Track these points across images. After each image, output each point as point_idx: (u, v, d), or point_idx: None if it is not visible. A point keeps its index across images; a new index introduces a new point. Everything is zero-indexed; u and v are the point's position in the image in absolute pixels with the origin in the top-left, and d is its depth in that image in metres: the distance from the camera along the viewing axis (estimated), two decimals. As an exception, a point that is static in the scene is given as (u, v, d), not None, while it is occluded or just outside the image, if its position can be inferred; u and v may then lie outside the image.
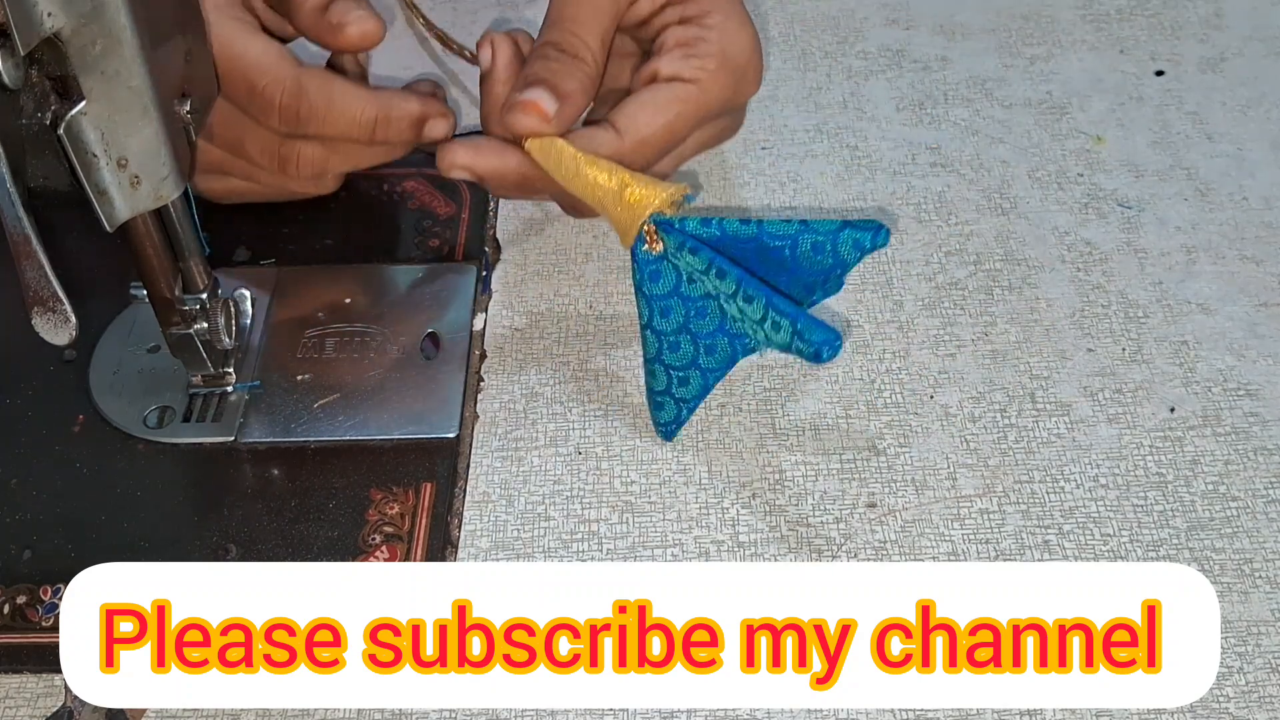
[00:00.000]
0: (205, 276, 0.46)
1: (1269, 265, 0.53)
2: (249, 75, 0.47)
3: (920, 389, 0.49)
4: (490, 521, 0.46)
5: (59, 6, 0.35)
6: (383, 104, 0.49)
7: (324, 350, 0.50)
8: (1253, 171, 0.57)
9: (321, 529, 0.45)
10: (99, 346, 0.51)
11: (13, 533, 0.45)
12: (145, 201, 0.41)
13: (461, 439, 0.48)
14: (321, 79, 0.48)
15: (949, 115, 0.60)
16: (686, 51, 0.49)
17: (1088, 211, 0.56)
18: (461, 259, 0.54)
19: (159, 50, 0.39)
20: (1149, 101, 0.61)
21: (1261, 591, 0.43)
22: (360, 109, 0.48)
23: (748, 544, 0.45)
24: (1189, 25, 0.65)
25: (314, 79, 0.48)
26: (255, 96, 0.47)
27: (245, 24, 0.48)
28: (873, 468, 0.47)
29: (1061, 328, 0.51)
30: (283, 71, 0.47)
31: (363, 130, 0.49)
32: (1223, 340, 0.51)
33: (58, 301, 0.38)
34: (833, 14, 0.66)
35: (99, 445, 0.48)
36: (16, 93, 0.36)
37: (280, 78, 0.47)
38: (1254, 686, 0.41)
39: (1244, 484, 0.46)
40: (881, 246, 0.44)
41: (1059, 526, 0.45)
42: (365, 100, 0.48)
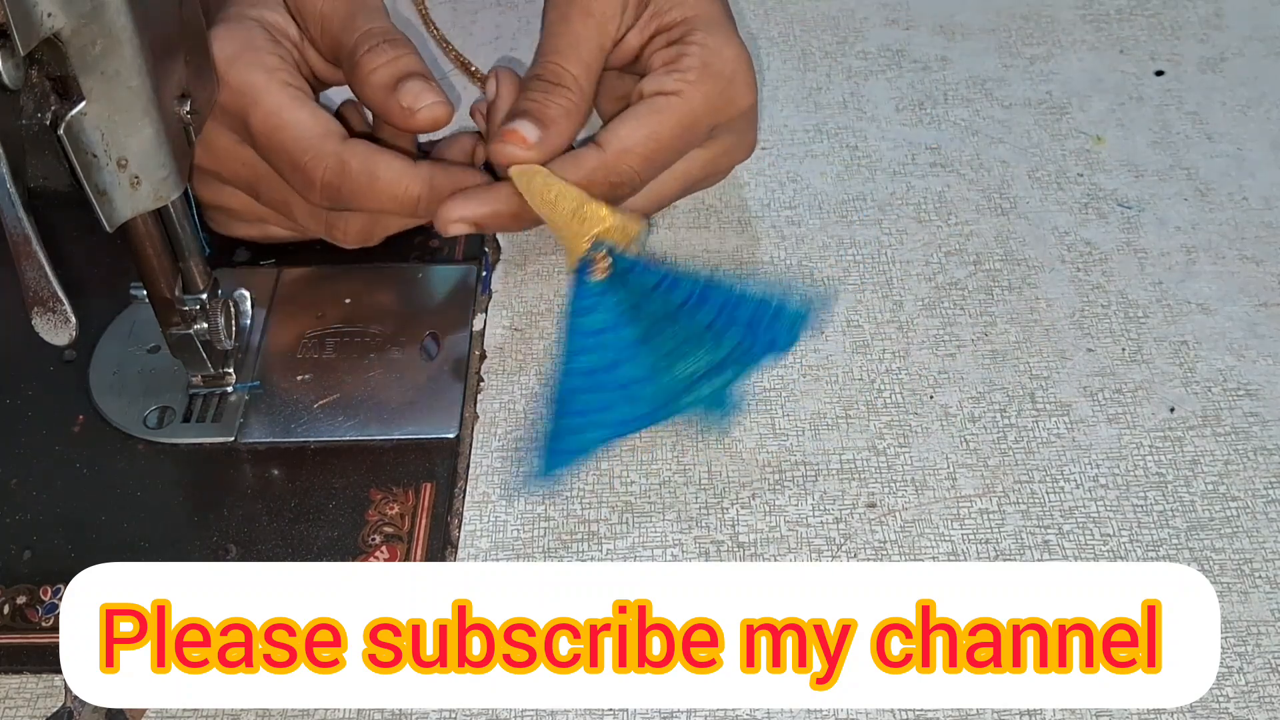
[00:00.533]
0: (205, 277, 0.46)
1: (1269, 265, 0.53)
2: (291, 150, 0.46)
3: (920, 389, 0.49)
4: (490, 522, 0.46)
5: (59, 6, 0.35)
6: (426, 179, 0.48)
7: (324, 350, 0.50)
8: (1253, 171, 0.57)
9: (321, 529, 0.45)
10: (99, 346, 0.51)
11: (13, 533, 0.45)
12: (145, 202, 0.41)
13: (461, 439, 0.48)
14: (365, 155, 0.47)
15: (949, 115, 0.60)
16: (669, 68, 0.49)
17: (1087, 211, 0.56)
18: (461, 259, 0.54)
19: (159, 50, 0.39)
20: (1149, 101, 0.61)
21: (1261, 591, 0.43)
22: (405, 187, 0.47)
23: (748, 544, 0.45)
24: (1189, 25, 0.65)
25: (357, 155, 0.47)
26: (297, 171, 0.47)
27: (294, 91, 0.47)
28: (872, 468, 0.47)
29: (1061, 328, 0.51)
30: (327, 147, 0.46)
31: (406, 208, 0.48)
32: (1222, 340, 0.51)
33: (58, 301, 0.38)
34: (832, 14, 0.66)
35: (99, 445, 0.48)
36: (16, 93, 0.35)
37: (323, 154, 0.46)
38: (1254, 686, 0.41)
39: (1244, 484, 0.46)
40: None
41: (1059, 526, 0.45)
42: (410, 178, 0.47)
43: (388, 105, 0.48)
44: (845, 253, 0.54)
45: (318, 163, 0.46)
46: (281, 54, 0.48)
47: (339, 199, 0.47)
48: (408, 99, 0.47)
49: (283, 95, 0.47)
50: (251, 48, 0.47)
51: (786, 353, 0.47)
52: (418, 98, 0.47)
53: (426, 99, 0.47)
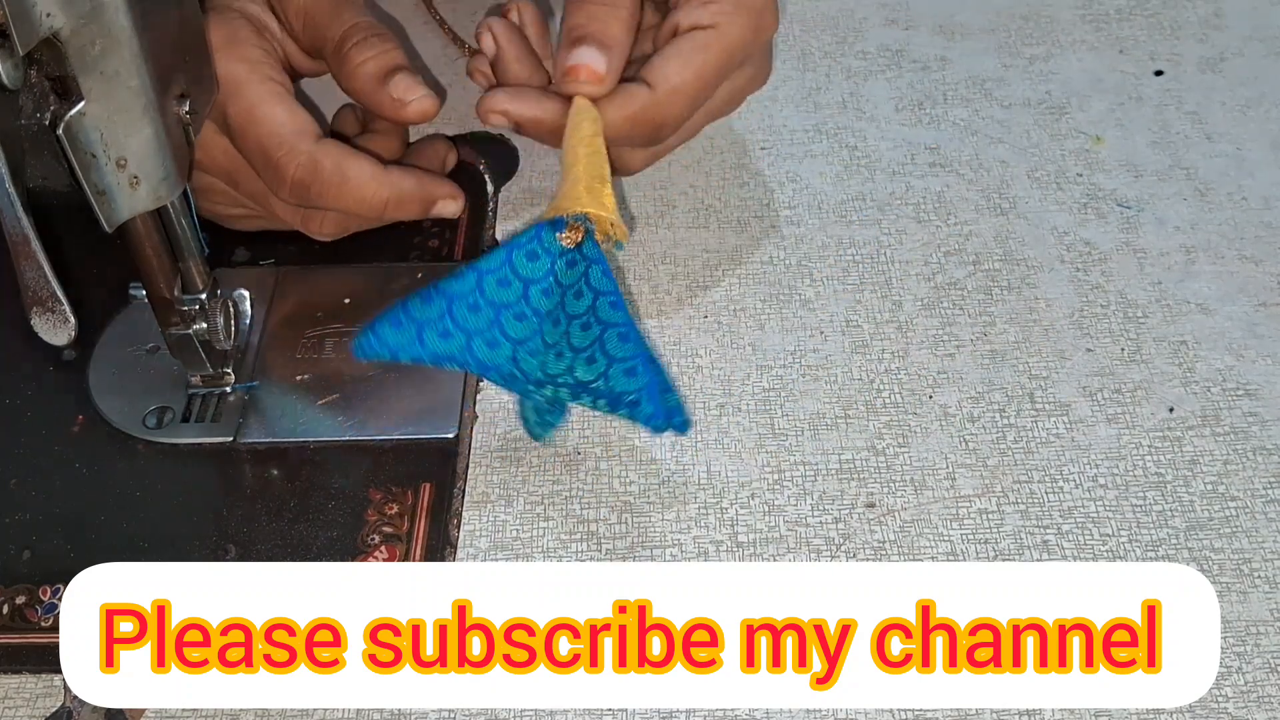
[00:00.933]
0: (204, 277, 0.46)
1: (1268, 265, 0.53)
2: (265, 145, 0.47)
3: (919, 389, 0.49)
4: (489, 522, 0.46)
5: (58, 6, 0.35)
6: (394, 186, 0.49)
7: (323, 350, 0.50)
8: (1252, 171, 0.57)
9: (321, 529, 0.45)
10: (99, 346, 0.51)
11: (12, 533, 0.45)
12: (144, 202, 0.41)
13: (460, 439, 0.48)
14: (337, 156, 0.48)
15: (948, 115, 0.60)
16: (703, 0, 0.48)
17: (1087, 211, 0.56)
18: (461, 259, 0.54)
19: (159, 50, 0.39)
20: (1148, 101, 0.61)
21: (1260, 591, 0.43)
22: (373, 191, 0.48)
23: (747, 544, 0.45)
24: (1189, 25, 0.65)
25: (329, 155, 0.48)
26: (269, 167, 0.47)
27: (274, 86, 0.48)
28: (872, 468, 0.47)
29: (1060, 328, 0.51)
30: (300, 145, 0.47)
31: (373, 211, 0.49)
32: (1222, 340, 0.51)
33: (57, 301, 0.38)
34: (832, 14, 0.66)
35: (98, 445, 0.48)
36: (16, 93, 0.35)
37: (296, 151, 0.47)
38: (1253, 686, 0.41)
39: (1243, 484, 0.46)
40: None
41: (1058, 526, 0.45)
42: (378, 182, 0.48)
43: (378, 97, 0.49)
44: (845, 253, 0.54)
45: (290, 159, 0.47)
46: (265, 47, 0.49)
47: (307, 197, 0.48)
48: (398, 91, 0.49)
49: (262, 89, 0.47)
50: (235, 40, 0.48)
51: (642, 423, 0.45)
52: (408, 90, 0.49)
53: (416, 92, 0.49)
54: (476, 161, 0.58)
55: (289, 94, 0.48)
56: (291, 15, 0.50)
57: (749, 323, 0.52)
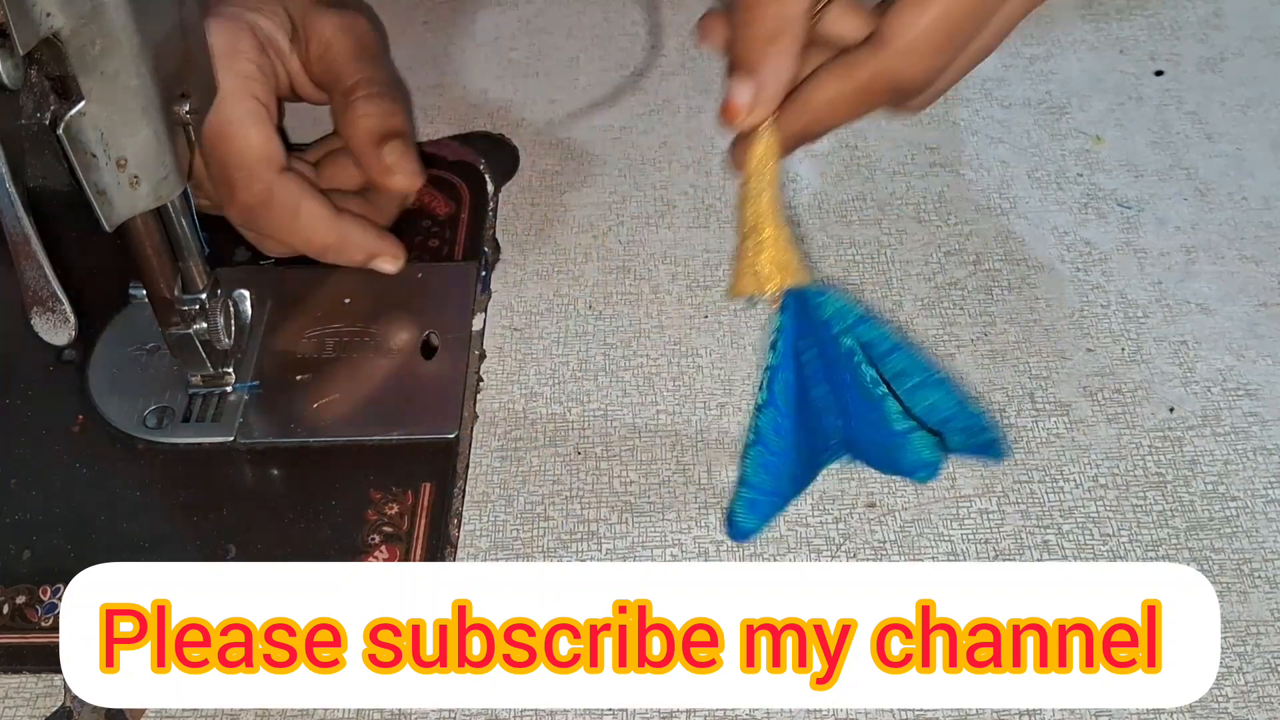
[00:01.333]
0: (205, 276, 0.46)
1: (1268, 265, 0.53)
2: (228, 163, 0.48)
3: (920, 389, 0.49)
4: (489, 521, 0.46)
5: (58, 6, 0.35)
6: (340, 233, 0.50)
7: (324, 350, 0.50)
8: (1252, 171, 0.57)
9: (321, 529, 0.45)
10: (98, 346, 0.51)
11: (12, 533, 0.45)
12: (144, 201, 0.41)
13: (461, 439, 0.48)
14: (291, 193, 0.49)
15: (948, 115, 0.60)
16: None
17: (1087, 211, 0.56)
18: (461, 259, 0.54)
19: (159, 50, 0.39)
20: (1148, 101, 0.61)
21: (1261, 591, 0.43)
22: (320, 234, 0.50)
23: (747, 544, 0.45)
24: (1188, 25, 0.65)
25: (285, 191, 0.49)
26: (226, 185, 0.48)
27: (254, 106, 0.48)
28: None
29: (1060, 328, 0.51)
30: (260, 173, 0.48)
31: (314, 251, 0.51)
32: (1222, 340, 0.51)
33: (57, 301, 0.38)
34: (832, 14, 0.66)
35: (98, 445, 0.48)
36: (16, 93, 0.35)
37: (255, 178, 0.48)
38: (1253, 686, 0.41)
39: (1243, 484, 0.46)
40: None
41: (1058, 526, 0.45)
42: (325, 226, 0.50)
43: (369, 157, 0.50)
44: (845, 253, 0.54)
45: (247, 185, 0.48)
46: (261, 64, 0.50)
47: (252, 223, 0.49)
48: (390, 157, 0.50)
49: (242, 108, 0.48)
50: (234, 51, 0.48)
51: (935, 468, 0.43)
52: (399, 160, 0.50)
53: (406, 165, 0.50)
54: (476, 161, 0.58)
55: (267, 118, 0.49)
56: (313, 43, 0.51)
57: (749, 323, 0.52)
